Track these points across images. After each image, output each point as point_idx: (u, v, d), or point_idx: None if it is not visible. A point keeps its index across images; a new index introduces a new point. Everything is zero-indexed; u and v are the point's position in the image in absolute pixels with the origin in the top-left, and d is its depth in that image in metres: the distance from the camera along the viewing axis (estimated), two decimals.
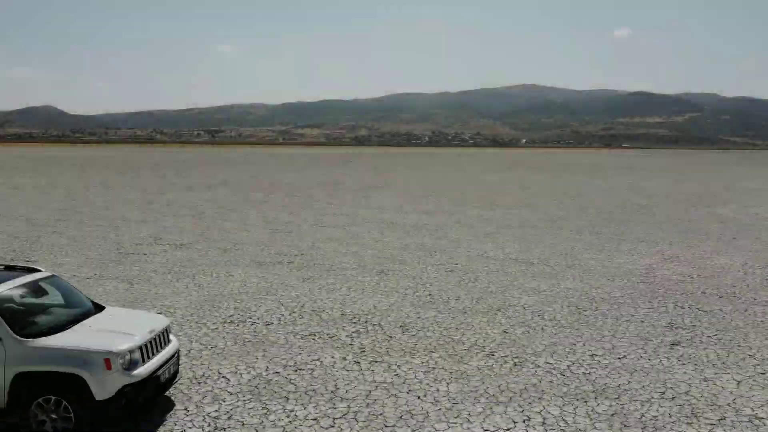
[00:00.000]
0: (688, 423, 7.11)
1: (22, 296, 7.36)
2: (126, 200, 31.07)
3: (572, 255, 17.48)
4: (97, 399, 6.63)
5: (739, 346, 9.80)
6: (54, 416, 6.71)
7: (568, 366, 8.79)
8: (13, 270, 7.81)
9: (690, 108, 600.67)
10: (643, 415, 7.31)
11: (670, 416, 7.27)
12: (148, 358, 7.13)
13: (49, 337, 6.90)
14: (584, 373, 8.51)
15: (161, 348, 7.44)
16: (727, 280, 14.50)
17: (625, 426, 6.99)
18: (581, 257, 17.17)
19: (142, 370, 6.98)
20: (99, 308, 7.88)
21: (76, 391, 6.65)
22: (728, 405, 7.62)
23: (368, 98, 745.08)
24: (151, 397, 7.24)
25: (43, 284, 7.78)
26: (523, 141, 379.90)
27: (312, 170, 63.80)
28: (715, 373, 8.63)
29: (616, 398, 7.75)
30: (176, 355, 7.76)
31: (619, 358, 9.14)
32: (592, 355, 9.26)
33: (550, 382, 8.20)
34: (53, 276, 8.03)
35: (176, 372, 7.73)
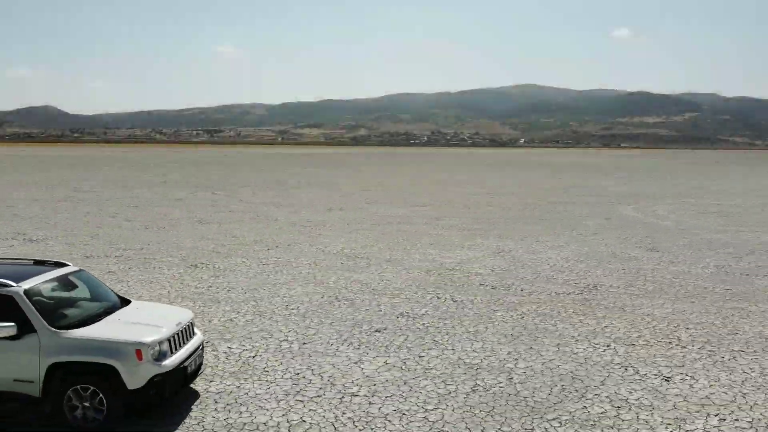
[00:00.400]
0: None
1: (53, 290, 7.71)
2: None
3: (406, 250, 18.45)
4: (128, 388, 6.98)
5: (435, 340, 10.47)
6: (87, 405, 7.04)
7: None
8: (42, 264, 8.25)
9: (690, 108, 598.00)
10: None
11: None
12: (176, 349, 7.50)
13: (81, 328, 7.26)
14: None
15: (187, 340, 7.83)
16: (522, 274, 15.49)
17: None
18: (411, 252, 18.15)
19: (171, 361, 7.33)
20: (125, 302, 8.28)
21: (108, 380, 6.99)
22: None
23: (368, 98, 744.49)
24: (178, 388, 7.66)
25: (72, 278, 8.15)
26: (522, 141, 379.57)
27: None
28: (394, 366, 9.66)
29: None
30: (201, 347, 8.17)
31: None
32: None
33: None
34: (81, 270, 8.43)
35: (201, 364, 8.11)
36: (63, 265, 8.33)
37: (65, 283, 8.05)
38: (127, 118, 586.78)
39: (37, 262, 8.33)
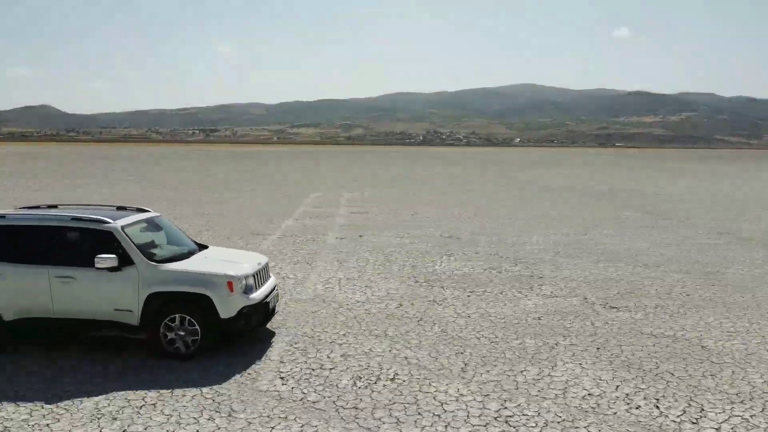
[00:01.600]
0: None
1: (141, 230, 8.27)
2: None
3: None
4: (221, 317, 7.54)
5: None
6: (182, 333, 7.58)
7: None
8: (124, 210, 8.76)
9: (686, 107, 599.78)
10: None
11: None
12: (259, 286, 8.15)
13: (175, 263, 7.91)
14: None
15: (266, 280, 8.50)
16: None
17: None
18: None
19: (257, 295, 7.98)
20: (203, 246, 8.93)
21: (203, 309, 7.54)
22: None
23: (365, 97, 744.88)
24: (262, 321, 8.24)
25: (156, 221, 8.76)
26: (517, 140, 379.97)
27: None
28: None
29: None
30: (276, 288, 8.74)
31: None
32: None
33: None
34: (160, 215, 9.08)
35: (275, 305, 8.60)
36: (144, 210, 8.95)
37: (152, 225, 8.68)
38: (125, 118, 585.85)
39: (120, 208, 8.91)
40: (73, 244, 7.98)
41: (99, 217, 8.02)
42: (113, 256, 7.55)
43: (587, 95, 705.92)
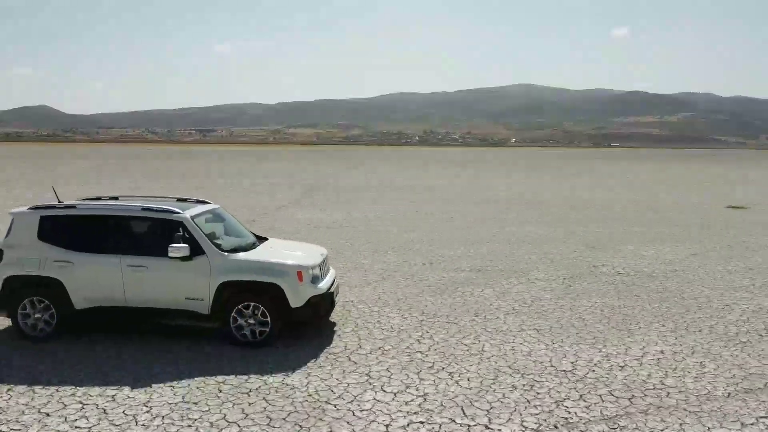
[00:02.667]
0: None
1: (207, 221, 8.32)
2: None
3: None
4: (291, 306, 7.64)
5: None
6: (251, 321, 7.68)
7: None
8: (185, 201, 8.83)
9: (684, 107, 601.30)
10: None
11: None
12: (322, 277, 8.27)
13: (243, 253, 7.98)
14: None
15: (327, 272, 8.61)
16: None
17: None
18: None
19: (323, 285, 8.09)
20: (262, 238, 9.00)
21: (274, 298, 7.65)
22: None
23: (364, 98, 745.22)
24: (328, 311, 8.28)
25: (217, 212, 8.85)
26: (513, 140, 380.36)
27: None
28: None
29: None
30: (335, 281, 8.71)
31: None
32: None
33: None
34: (219, 207, 9.09)
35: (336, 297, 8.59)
36: (205, 202, 8.99)
37: (215, 216, 8.74)
38: (123, 118, 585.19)
39: (180, 200, 8.97)
40: (144, 234, 8.08)
41: (169, 207, 8.12)
42: (186, 245, 7.62)
43: (586, 95, 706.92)
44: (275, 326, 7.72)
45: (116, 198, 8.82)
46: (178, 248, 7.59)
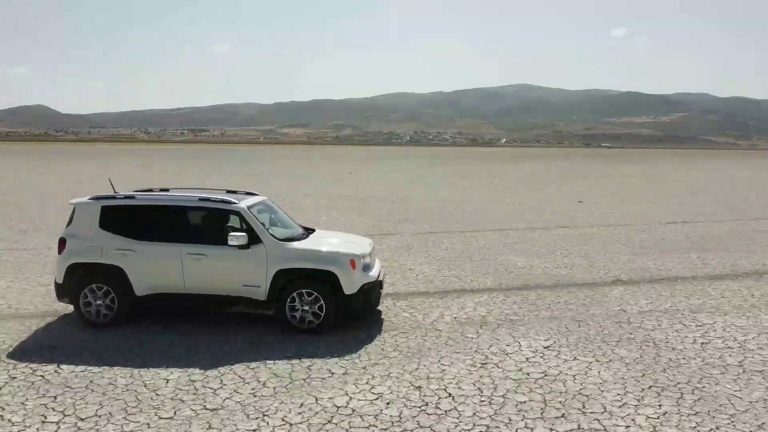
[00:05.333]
0: None
1: (259, 211, 8.51)
2: None
3: None
4: (345, 293, 7.89)
5: None
6: (306, 308, 7.93)
7: None
8: (235, 193, 9.01)
9: (678, 108, 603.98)
10: None
11: None
12: (372, 266, 8.54)
13: (297, 242, 8.26)
14: None
15: (375, 261, 8.82)
16: None
17: None
18: None
19: (373, 273, 8.38)
20: (308, 229, 9.18)
21: (329, 286, 7.90)
22: None
23: (361, 97, 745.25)
24: (378, 298, 8.50)
25: (268, 204, 9.04)
26: (503, 140, 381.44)
27: None
28: None
29: None
30: (381, 270, 8.86)
31: None
32: None
33: None
34: (267, 199, 9.19)
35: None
36: (254, 194, 9.22)
37: (265, 206, 8.96)
38: (119, 118, 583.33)
39: (229, 192, 9.16)
40: (202, 223, 8.35)
41: (226, 197, 8.38)
42: (244, 234, 7.89)
43: (582, 95, 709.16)
44: (330, 312, 7.97)
45: (167, 190, 9.08)
46: (238, 236, 7.85)
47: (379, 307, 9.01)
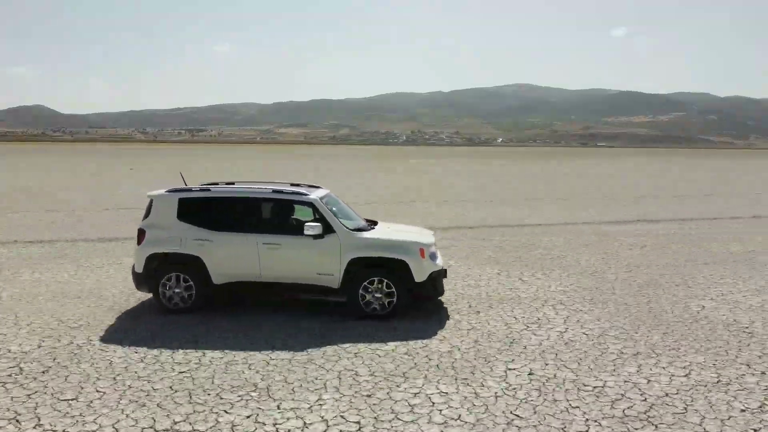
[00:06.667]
0: None
1: (327, 203, 8.72)
2: None
3: None
4: (416, 281, 8.19)
5: None
6: (378, 295, 8.21)
7: None
8: (299, 185, 9.19)
9: (678, 107, 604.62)
10: None
11: None
12: (437, 255, 8.85)
13: (367, 232, 8.57)
14: None
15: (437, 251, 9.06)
16: None
17: None
18: None
19: (439, 262, 8.69)
20: (371, 221, 9.46)
21: (400, 274, 8.19)
22: None
23: (361, 97, 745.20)
24: (442, 288, 8.70)
25: (332, 196, 9.25)
26: (499, 140, 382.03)
27: None
28: None
29: None
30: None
31: None
32: None
33: None
34: (331, 192, 9.38)
35: None
36: (317, 186, 9.47)
37: (332, 199, 9.24)
38: (119, 118, 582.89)
39: (293, 184, 9.38)
40: (277, 214, 8.68)
41: (298, 189, 8.71)
42: (319, 224, 8.21)
43: (582, 95, 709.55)
44: (401, 300, 8.27)
45: (232, 183, 9.31)
46: (313, 226, 8.17)
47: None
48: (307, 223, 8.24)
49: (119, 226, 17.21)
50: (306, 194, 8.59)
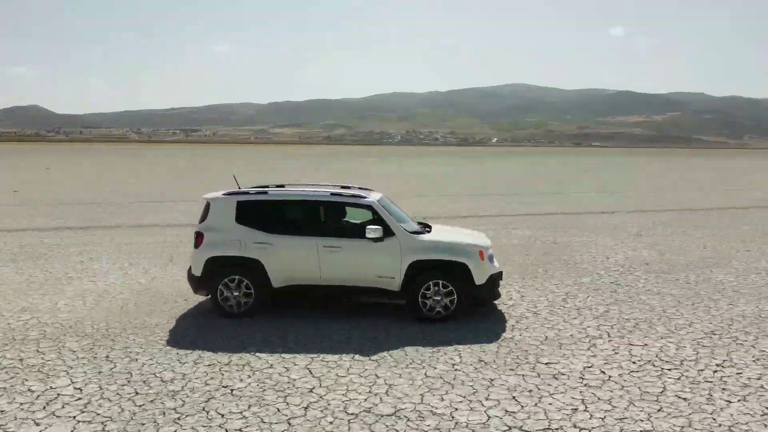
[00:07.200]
0: None
1: (384, 205, 8.69)
2: None
3: None
4: (476, 283, 8.24)
5: None
6: (438, 298, 8.22)
7: None
8: (349, 188, 9.14)
9: (673, 107, 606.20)
10: None
11: None
12: (493, 257, 8.88)
13: (425, 234, 8.51)
14: None
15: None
16: None
17: None
18: None
19: (497, 264, 8.76)
20: (424, 224, 9.39)
21: (461, 276, 8.22)
22: None
23: (359, 97, 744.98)
24: (498, 291, 8.72)
25: (386, 199, 9.18)
26: (494, 140, 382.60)
27: None
28: None
29: None
30: None
31: None
32: None
33: None
34: (383, 195, 9.30)
35: None
36: (368, 189, 9.40)
37: (386, 202, 9.14)
38: (115, 118, 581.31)
39: (344, 187, 9.33)
40: (336, 217, 8.65)
41: (357, 192, 8.69)
42: (380, 227, 8.17)
43: (579, 95, 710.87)
44: (461, 302, 8.25)
45: (282, 186, 9.20)
46: (374, 229, 8.12)
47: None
48: (368, 226, 8.20)
49: None
50: (365, 197, 8.56)
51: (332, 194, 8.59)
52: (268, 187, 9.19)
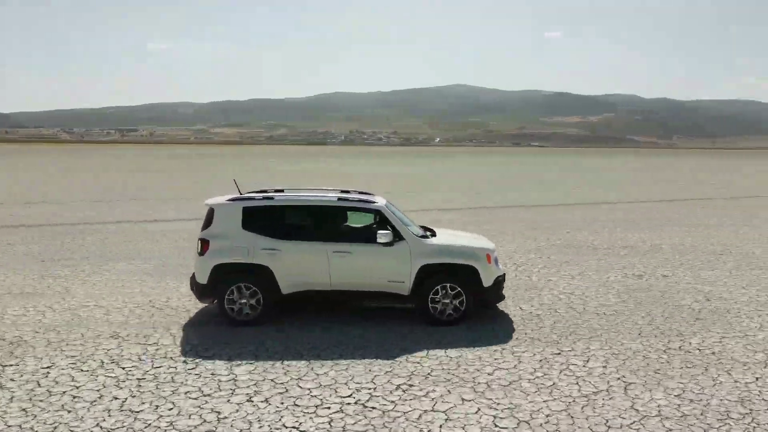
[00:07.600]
0: None
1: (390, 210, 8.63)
2: None
3: None
4: (484, 286, 8.29)
5: None
6: (447, 301, 8.23)
7: None
8: (348, 192, 9.00)
9: (606, 108, 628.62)
10: None
11: None
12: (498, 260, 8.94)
13: (434, 238, 8.50)
14: None
15: None
16: None
17: None
18: None
19: (502, 267, 8.84)
20: (427, 228, 9.31)
21: (469, 279, 8.28)
22: None
23: (302, 97, 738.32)
24: (502, 293, 8.82)
25: (390, 203, 9.07)
26: (437, 140, 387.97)
27: None
28: None
29: None
30: None
31: None
32: None
33: None
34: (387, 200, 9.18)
35: None
36: (369, 194, 9.22)
37: (391, 206, 9.09)
38: (46, 117, 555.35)
39: (343, 191, 9.17)
40: (344, 221, 8.58)
41: (364, 197, 8.65)
42: (390, 232, 8.16)
43: (518, 96, 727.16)
44: (469, 305, 8.32)
45: (281, 190, 9.03)
46: (385, 234, 8.12)
47: None
48: (379, 231, 8.18)
49: None
50: (373, 201, 8.53)
51: (340, 199, 8.51)
52: (267, 191, 9.02)
